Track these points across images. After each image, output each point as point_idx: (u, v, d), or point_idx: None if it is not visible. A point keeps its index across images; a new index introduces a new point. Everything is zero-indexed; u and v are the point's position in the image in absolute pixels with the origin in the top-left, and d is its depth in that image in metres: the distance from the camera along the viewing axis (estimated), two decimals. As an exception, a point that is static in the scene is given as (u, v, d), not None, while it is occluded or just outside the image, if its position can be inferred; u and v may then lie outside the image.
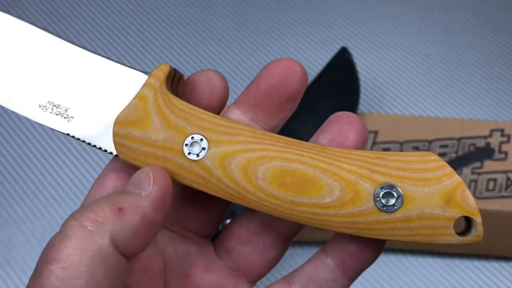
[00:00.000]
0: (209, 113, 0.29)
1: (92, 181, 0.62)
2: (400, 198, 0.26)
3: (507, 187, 0.57)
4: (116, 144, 0.29)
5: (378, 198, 0.27)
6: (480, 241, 0.27)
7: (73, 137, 0.31)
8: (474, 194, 0.56)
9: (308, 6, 0.77)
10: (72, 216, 0.27)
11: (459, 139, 0.59)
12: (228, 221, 0.38)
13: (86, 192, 0.61)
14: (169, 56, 0.72)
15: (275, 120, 0.31)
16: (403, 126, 0.60)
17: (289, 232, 0.32)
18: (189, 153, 0.28)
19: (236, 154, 0.28)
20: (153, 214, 0.27)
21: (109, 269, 0.26)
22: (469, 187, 0.57)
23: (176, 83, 0.30)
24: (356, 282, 0.60)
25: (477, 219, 0.27)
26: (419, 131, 0.60)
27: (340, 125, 0.29)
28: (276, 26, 0.75)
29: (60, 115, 0.31)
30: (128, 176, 0.29)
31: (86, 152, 0.64)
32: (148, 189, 0.27)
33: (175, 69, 0.30)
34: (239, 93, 0.72)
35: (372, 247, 0.29)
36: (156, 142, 0.28)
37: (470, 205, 0.27)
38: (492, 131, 0.60)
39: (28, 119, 0.66)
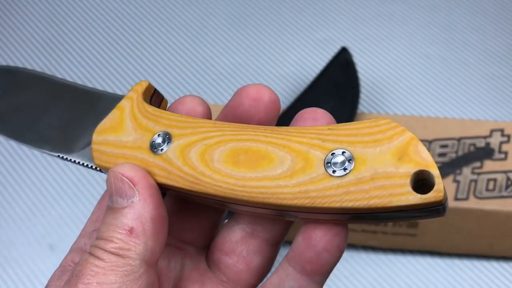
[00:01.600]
0: (177, 114, 0.30)
1: (92, 181, 0.62)
2: (351, 161, 0.26)
3: (507, 187, 0.57)
4: (94, 151, 0.30)
5: (329, 164, 0.26)
6: (442, 199, 0.25)
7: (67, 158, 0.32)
8: (474, 194, 0.56)
9: (308, 6, 0.77)
10: (91, 254, 0.27)
11: (459, 139, 0.59)
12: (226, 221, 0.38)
13: (86, 192, 0.62)
14: (168, 56, 0.72)
15: None
16: (403, 126, 0.60)
17: (273, 237, 0.31)
18: (154, 149, 0.29)
19: (196, 143, 0.29)
20: (157, 212, 0.28)
21: (143, 285, 0.27)
22: (469, 187, 0.57)
23: (157, 103, 0.32)
24: (355, 282, 0.60)
25: (434, 171, 0.25)
26: (419, 131, 0.60)
27: (304, 122, 0.30)
28: (276, 26, 0.75)
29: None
30: None
31: (86, 152, 0.64)
32: (135, 195, 0.28)
33: (154, 87, 0.32)
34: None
35: (330, 248, 0.28)
36: (126, 143, 0.30)
37: (425, 157, 0.26)
38: (492, 131, 0.60)
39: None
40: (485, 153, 0.59)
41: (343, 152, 0.26)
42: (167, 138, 0.29)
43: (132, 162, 0.29)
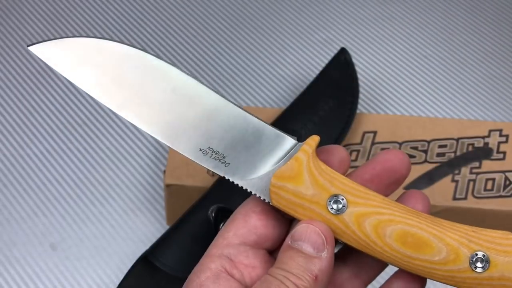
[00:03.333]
0: (348, 179, 0.36)
1: (93, 181, 0.63)
2: (487, 263, 0.35)
3: (505, 187, 0.57)
4: (272, 192, 0.36)
5: (472, 261, 0.35)
6: None
7: (228, 179, 0.37)
8: (472, 194, 0.57)
9: (308, 7, 0.78)
10: (281, 282, 0.33)
11: (457, 139, 0.60)
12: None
13: (86, 192, 0.62)
14: (168, 56, 0.72)
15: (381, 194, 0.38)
16: (402, 127, 0.60)
17: (370, 279, 0.39)
18: (331, 208, 0.35)
19: (370, 215, 0.35)
20: (332, 267, 0.35)
21: None
22: (467, 187, 0.57)
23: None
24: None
25: None
26: (418, 131, 0.60)
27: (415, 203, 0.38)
28: (276, 27, 0.76)
29: (218, 160, 0.37)
30: (265, 218, 0.37)
31: (86, 152, 0.65)
32: (325, 250, 0.34)
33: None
34: (240, 93, 0.72)
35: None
36: (305, 196, 0.36)
37: None
38: (490, 131, 0.60)
39: (28, 120, 0.66)
40: (484, 153, 0.59)
41: (483, 255, 0.35)
42: (342, 200, 0.35)
43: (309, 213, 0.36)
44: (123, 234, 0.60)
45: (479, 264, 0.35)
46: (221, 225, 0.53)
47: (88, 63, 0.37)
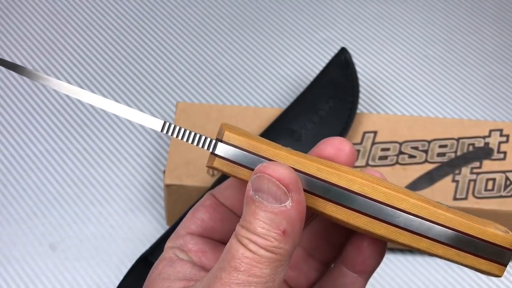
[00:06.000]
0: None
1: (93, 181, 0.63)
2: None
3: (505, 187, 0.57)
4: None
5: None
6: None
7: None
8: (473, 194, 0.57)
9: (308, 7, 0.78)
10: (243, 245, 0.31)
11: (458, 139, 0.60)
12: None
13: (86, 192, 0.62)
14: (168, 56, 0.72)
15: None
16: (402, 126, 0.60)
17: (327, 259, 0.39)
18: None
19: None
20: (303, 215, 0.32)
21: (283, 277, 0.32)
22: (468, 187, 0.57)
23: None
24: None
25: None
26: (418, 131, 0.60)
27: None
28: (276, 26, 0.76)
29: None
30: (213, 211, 0.37)
31: (86, 152, 0.64)
32: (288, 200, 0.31)
33: None
34: (240, 93, 0.72)
35: (375, 255, 0.36)
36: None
37: None
38: (491, 131, 0.60)
39: (28, 120, 0.66)
40: (484, 153, 0.59)
41: None
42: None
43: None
44: (122, 234, 0.60)
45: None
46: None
47: None
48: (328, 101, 0.60)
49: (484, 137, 0.60)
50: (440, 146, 0.59)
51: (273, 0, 0.78)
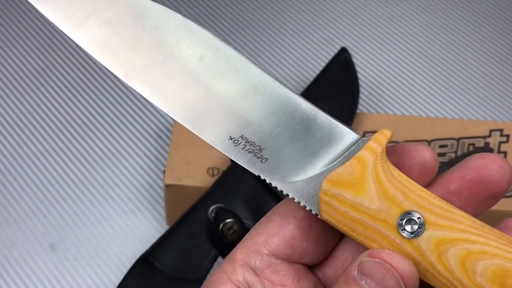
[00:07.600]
0: (427, 191, 0.27)
1: (93, 181, 0.62)
2: None
3: (506, 187, 0.57)
4: (322, 202, 0.27)
5: None
6: None
7: (264, 180, 0.28)
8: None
9: (308, 7, 0.78)
10: None
11: (458, 139, 0.60)
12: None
13: (86, 192, 0.62)
14: (169, 56, 0.72)
15: (470, 213, 0.28)
16: (403, 126, 0.60)
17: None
18: (403, 230, 0.26)
19: (455, 242, 0.26)
20: None
21: None
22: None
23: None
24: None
25: None
26: (419, 131, 0.60)
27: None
28: (276, 26, 0.76)
29: (252, 154, 0.28)
30: (308, 229, 0.29)
31: (86, 152, 0.64)
32: None
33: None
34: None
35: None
36: (368, 210, 0.27)
37: None
38: (491, 131, 0.60)
39: (27, 119, 0.66)
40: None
41: None
42: (419, 220, 0.26)
43: (372, 234, 0.27)
44: (122, 234, 0.60)
45: None
46: (221, 226, 0.52)
47: (96, 19, 0.29)
48: (328, 101, 0.60)
49: (484, 137, 0.60)
50: (441, 146, 0.59)
51: (273, 0, 0.78)
